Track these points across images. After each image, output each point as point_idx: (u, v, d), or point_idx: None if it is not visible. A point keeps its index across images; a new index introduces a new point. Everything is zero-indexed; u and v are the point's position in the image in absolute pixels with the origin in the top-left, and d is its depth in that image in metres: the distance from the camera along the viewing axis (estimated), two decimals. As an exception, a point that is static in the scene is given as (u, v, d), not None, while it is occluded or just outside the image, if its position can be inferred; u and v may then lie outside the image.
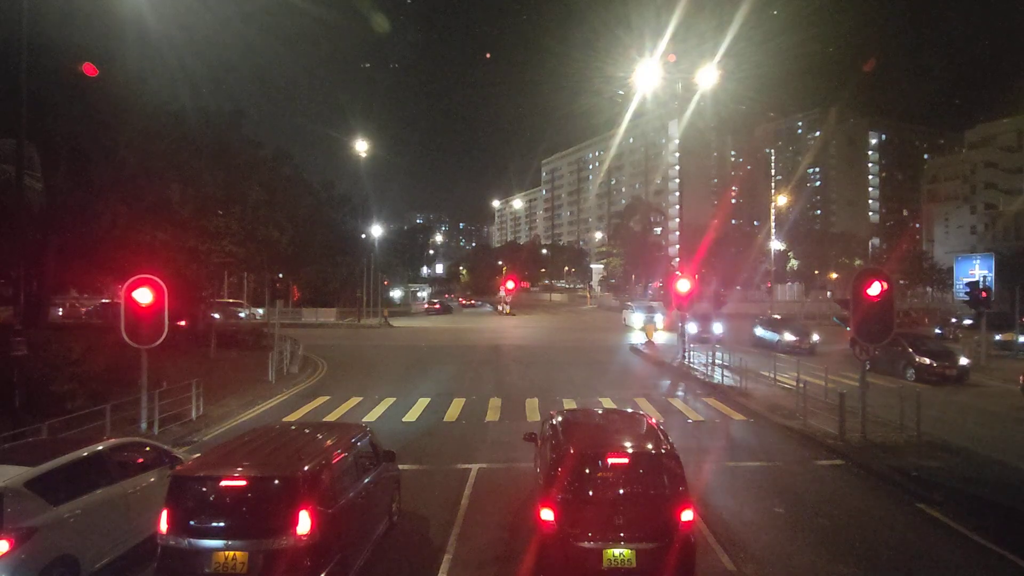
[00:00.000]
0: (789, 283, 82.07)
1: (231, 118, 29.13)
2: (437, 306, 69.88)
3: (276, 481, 6.02)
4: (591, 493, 6.52)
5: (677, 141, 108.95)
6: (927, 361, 20.52)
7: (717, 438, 13.64)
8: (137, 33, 22.40)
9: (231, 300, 46.91)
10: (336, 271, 54.06)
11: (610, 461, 6.67)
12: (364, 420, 14.75)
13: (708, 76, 27.05)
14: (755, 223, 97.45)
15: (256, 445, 6.92)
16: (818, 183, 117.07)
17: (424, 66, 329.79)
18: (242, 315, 44.18)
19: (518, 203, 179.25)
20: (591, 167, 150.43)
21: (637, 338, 35.30)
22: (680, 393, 18.81)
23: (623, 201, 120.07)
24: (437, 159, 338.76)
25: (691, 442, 12.80)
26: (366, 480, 7.42)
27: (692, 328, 26.81)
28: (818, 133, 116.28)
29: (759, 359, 22.34)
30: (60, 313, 38.72)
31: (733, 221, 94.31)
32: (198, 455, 7.84)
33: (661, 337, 35.06)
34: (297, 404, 17.14)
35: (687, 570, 6.38)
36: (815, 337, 28.84)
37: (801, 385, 14.93)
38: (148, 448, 8.42)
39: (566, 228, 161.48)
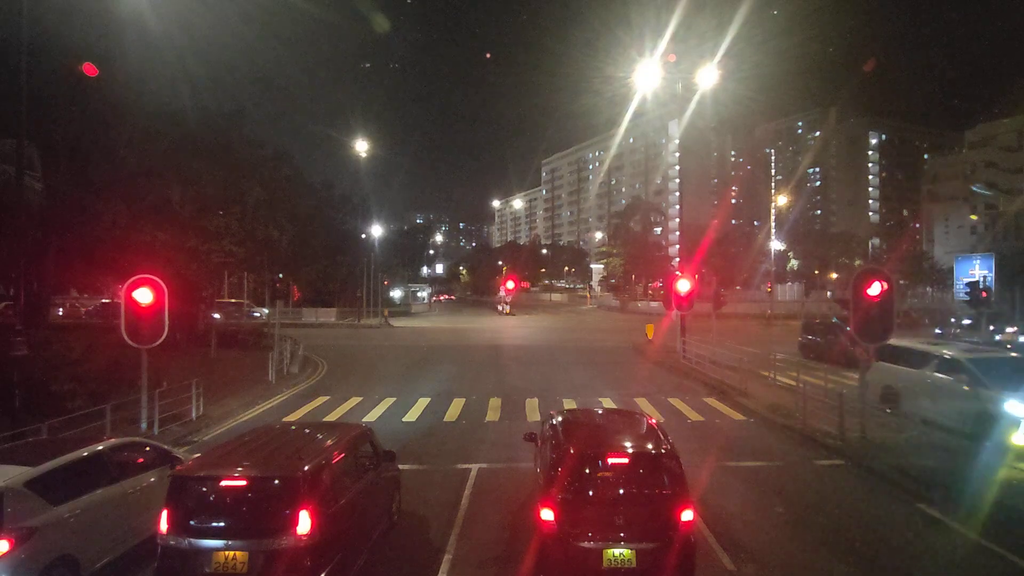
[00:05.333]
0: (789, 283, 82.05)
1: (231, 118, 29.14)
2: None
3: (276, 481, 6.03)
4: (591, 493, 6.52)
5: (677, 141, 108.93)
6: None
7: (717, 438, 13.63)
8: (137, 33, 22.40)
9: (244, 300, 47.20)
10: (336, 271, 54.08)
11: (610, 461, 6.68)
12: (364, 420, 14.75)
13: (708, 76, 27.01)
14: (755, 223, 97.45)
15: (256, 445, 6.93)
16: (818, 183, 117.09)
17: (424, 66, 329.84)
18: (256, 315, 43.84)
19: (518, 203, 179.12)
20: (591, 167, 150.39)
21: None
22: (680, 393, 18.81)
23: (623, 201, 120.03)
24: (437, 159, 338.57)
25: (691, 442, 12.79)
26: (366, 480, 7.42)
27: None
28: (818, 133, 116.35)
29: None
30: (60, 313, 38.74)
31: (733, 221, 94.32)
32: (198, 455, 7.84)
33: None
34: (297, 404, 17.14)
35: (687, 570, 6.39)
36: None
37: (801, 385, 14.93)
38: (148, 448, 8.42)
39: (566, 228, 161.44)
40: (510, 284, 66.27)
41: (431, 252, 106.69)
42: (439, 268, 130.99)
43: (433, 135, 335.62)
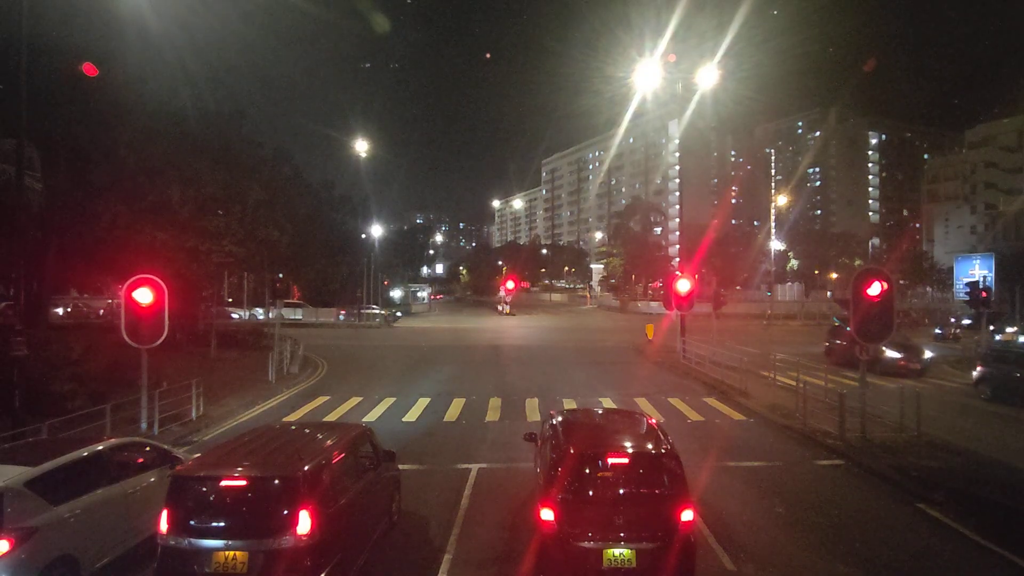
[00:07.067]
0: (789, 283, 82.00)
1: (231, 118, 29.12)
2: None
3: (276, 481, 6.02)
4: (591, 493, 6.52)
5: (677, 141, 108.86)
6: None
7: (717, 438, 13.63)
8: (137, 33, 22.40)
9: (295, 300, 49.35)
10: (336, 271, 54.04)
11: (610, 461, 6.67)
12: (364, 420, 14.75)
13: (708, 76, 27.03)
14: (755, 223, 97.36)
15: (256, 445, 6.92)
16: (818, 183, 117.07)
17: (424, 66, 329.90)
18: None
19: (518, 203, 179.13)
20: (591, 167, 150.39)
21: None
22: (680, 393, 18.81)
23: (623, 201, 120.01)
24: (437, 159, 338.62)
25: (691, 442, 12.79)
26: (366, 480, 7.42)
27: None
28: (818, 133, 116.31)
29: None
30: (60, 313, 38.72)
31: (733, 221, 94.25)
32: (198, 455, 7.84)
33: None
34: (297, 404, 17.14)
35: (687, 570, 6.38)
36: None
37: (801, 385, 14.93)
38: (148, 448, 8.42)
39: (566, 228, 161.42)
40: (510, 284, 66.24)
41: (431, 252, 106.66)
42: (439, 268, 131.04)
43: (433, 135, 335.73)
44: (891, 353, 21.73)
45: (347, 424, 10.60)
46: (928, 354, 22.86)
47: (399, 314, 55.04)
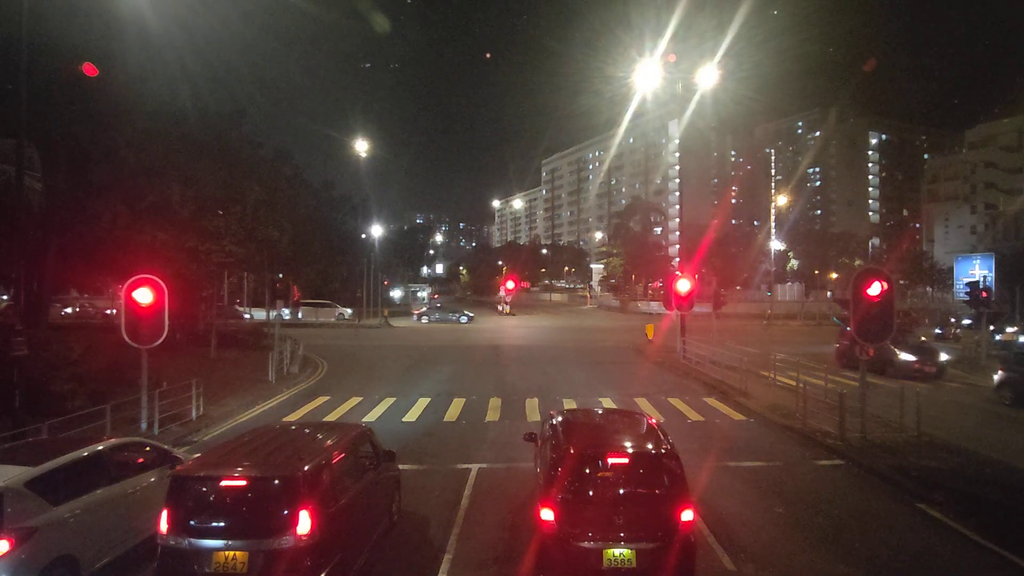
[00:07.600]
0: (789, 283, 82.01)
1: (231, 118, 29.11)
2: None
3: (276, 481, 6.03)
4: (591, 493, 6.52)
5: (677, 141, 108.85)
6: None
7: (717, 438, 13.63)
8: (137, 33, 22.38)
9: (323, 300, 50.98)
10: (336, 271, 54.02)
11: (610, 461, 6.68)
12: (364, 420, 14.75)
13: (708, 76, 27.03)
14: (755, 223, 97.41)
15: (256, 445, 6.93)
16: (818, 183, 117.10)
17: (424, 66, 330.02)
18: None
19: (518, 203, 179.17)
20: (591, 167, 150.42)
21: None
22: (680, 393, 18.81)
23: (623, 201, 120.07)
24: (437, 159, 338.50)
25: (691, 442, 12.79)
26: (366, 480, 7.43)
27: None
28: (818, 133, 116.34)
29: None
30: (65, 312, 38.87)
31: (733, 221, 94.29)
32: (198, 455, 7.84)
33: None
34: (297, 404, 17.14)
35: (687, 570, 6.39)
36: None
37: (801, 385, 14.93)
38: (148, 448, 8.43)
39: (566, 228, 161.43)
40: (510, 284, 66.17)
41: (431, 252, 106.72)
42: (439, 268, 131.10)
43: (433, 135, 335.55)
44: (905, 356, 21.37)
45: (347, 424, 10.61)
46: (944, 357, 22.16)
47: (471, 315, 54.33)
